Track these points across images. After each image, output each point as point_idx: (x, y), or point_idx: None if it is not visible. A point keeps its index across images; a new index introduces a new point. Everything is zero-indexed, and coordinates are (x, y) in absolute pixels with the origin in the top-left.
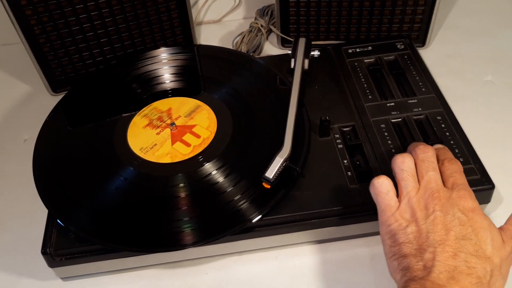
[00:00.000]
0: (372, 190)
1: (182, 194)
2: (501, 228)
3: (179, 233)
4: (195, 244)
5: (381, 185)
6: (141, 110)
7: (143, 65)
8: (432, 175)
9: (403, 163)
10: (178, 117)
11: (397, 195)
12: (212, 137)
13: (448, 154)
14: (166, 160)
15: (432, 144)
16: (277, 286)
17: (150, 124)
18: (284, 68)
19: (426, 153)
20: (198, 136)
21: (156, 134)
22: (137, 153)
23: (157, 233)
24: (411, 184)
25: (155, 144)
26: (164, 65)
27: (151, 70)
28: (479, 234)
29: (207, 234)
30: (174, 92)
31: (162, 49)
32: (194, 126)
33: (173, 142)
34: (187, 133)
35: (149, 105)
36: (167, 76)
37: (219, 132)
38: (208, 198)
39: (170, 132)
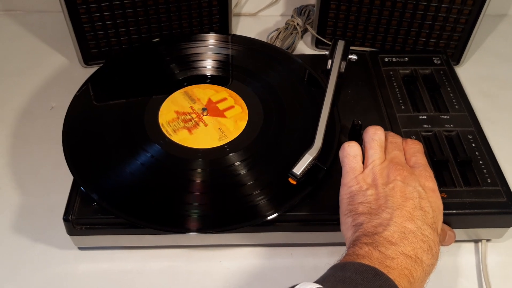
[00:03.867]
0: (341, 153)
1: (205, 180)
2: None
3: (197, 218)
4: (212, 231)
5: (351, 149)
6: (176, 92)
7: (184, 47)
8: (398, 153)
9: (375, 134)
10: (211, 104)
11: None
12: (243, 128)
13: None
14: (194, 144)
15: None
16: (288, 284)
17: (182, 106)
18: (317, 68)
19: (396, 139)
20: (228, 125)
21: (187, 117)
22: (166, 133)
23: (176, 214)
24: (378, 154)
25: (185, 127)
26: (206, 51)
27: (191, 54)
28: (435, 212)
29: (224, 223)
30: (211, 79)
31: (209, 34)
32: (225, 115)
33: (209, 127)
34: (218, 121)
35: (184, 88)
36: (207, 62)
37: (249, 124)
38: (230, 187)
39: (202, 117)
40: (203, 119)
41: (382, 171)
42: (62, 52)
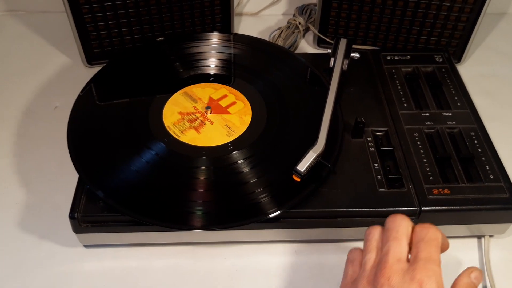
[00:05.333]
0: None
1: (209, 178)
2: None
3: (201, 215)
4: (217, 228)
5: (351, 254)
6: (180, 90)
7: (187, 46)
8: (391, 245)
9: (370, 234)
10: (213, 102)
11: None
12: (249, 122)
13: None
14: (199, 142)
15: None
16: (293, 280)
17: (185, 107)
18: (319, 67)
19: (395, 223)
20: (234, 121)
21: (192, 117)
22: (170, 131)
23: (181, 211)
24: (369, 256)
25: (192, 127)
26: (209, 50)
27: (194, 53)
28: None
29: (229, 219)
30: (215, 78)
31: (213, 33)
32: (229, 111)
33: (216, 125)
34: (223, 118)
35: (187, 86)
36: (210, 61)
37: (253, 120)
38: (234, 185)
39: (206, 116)
40: (208, 117)
41: (370, 276)
42: (65, 52)
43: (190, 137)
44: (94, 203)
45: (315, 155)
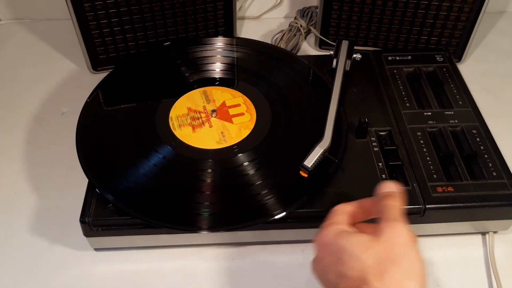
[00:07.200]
0: None
1: (216, 180)
2: None
3: (209, 216)
4: (225, 229)
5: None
6: (185, 94)
7: (191, 51)
8: None
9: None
10: (223, 107)
11: None
12: (244, 137)
13: None
14: (205, 145)
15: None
16: (300, 280)
17: (195, 104)
18: (321, 68)
19: None
20: (232, 131)
21: (197, 115)
22: (172, 127)
23: (189, 213)
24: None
25: (191, 125)
26: (214, 54)
27: (199, 57)
28: None
29: (236, 221)
30: (220, 82)
31: (216, 38)
32: (232, 121)
33: (213, 129)
34: (224, 125)
35: (193, 90)
36: (216, 65)
37: (255, 129)
38: (241, 187)
39: (209, 118)
40: (210, 120)
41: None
42: (71, 59)
43: (184, 133)
44: (104, 207)
45: (322, 150)
